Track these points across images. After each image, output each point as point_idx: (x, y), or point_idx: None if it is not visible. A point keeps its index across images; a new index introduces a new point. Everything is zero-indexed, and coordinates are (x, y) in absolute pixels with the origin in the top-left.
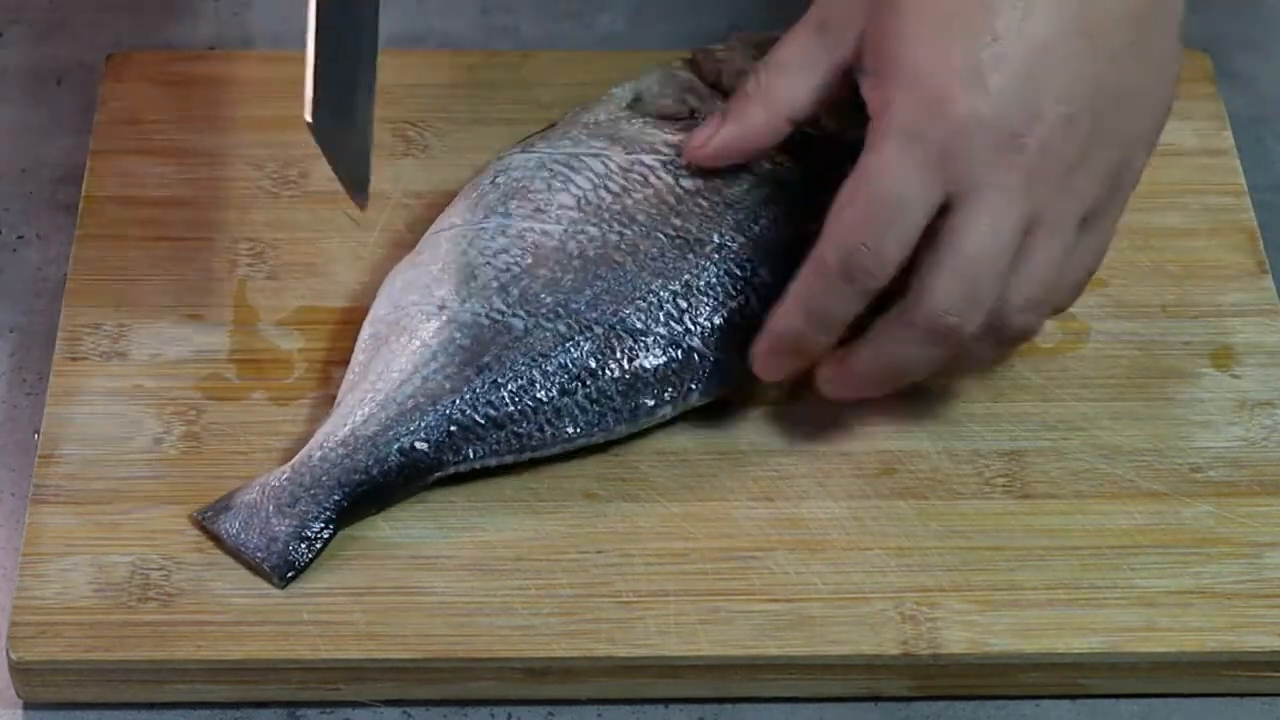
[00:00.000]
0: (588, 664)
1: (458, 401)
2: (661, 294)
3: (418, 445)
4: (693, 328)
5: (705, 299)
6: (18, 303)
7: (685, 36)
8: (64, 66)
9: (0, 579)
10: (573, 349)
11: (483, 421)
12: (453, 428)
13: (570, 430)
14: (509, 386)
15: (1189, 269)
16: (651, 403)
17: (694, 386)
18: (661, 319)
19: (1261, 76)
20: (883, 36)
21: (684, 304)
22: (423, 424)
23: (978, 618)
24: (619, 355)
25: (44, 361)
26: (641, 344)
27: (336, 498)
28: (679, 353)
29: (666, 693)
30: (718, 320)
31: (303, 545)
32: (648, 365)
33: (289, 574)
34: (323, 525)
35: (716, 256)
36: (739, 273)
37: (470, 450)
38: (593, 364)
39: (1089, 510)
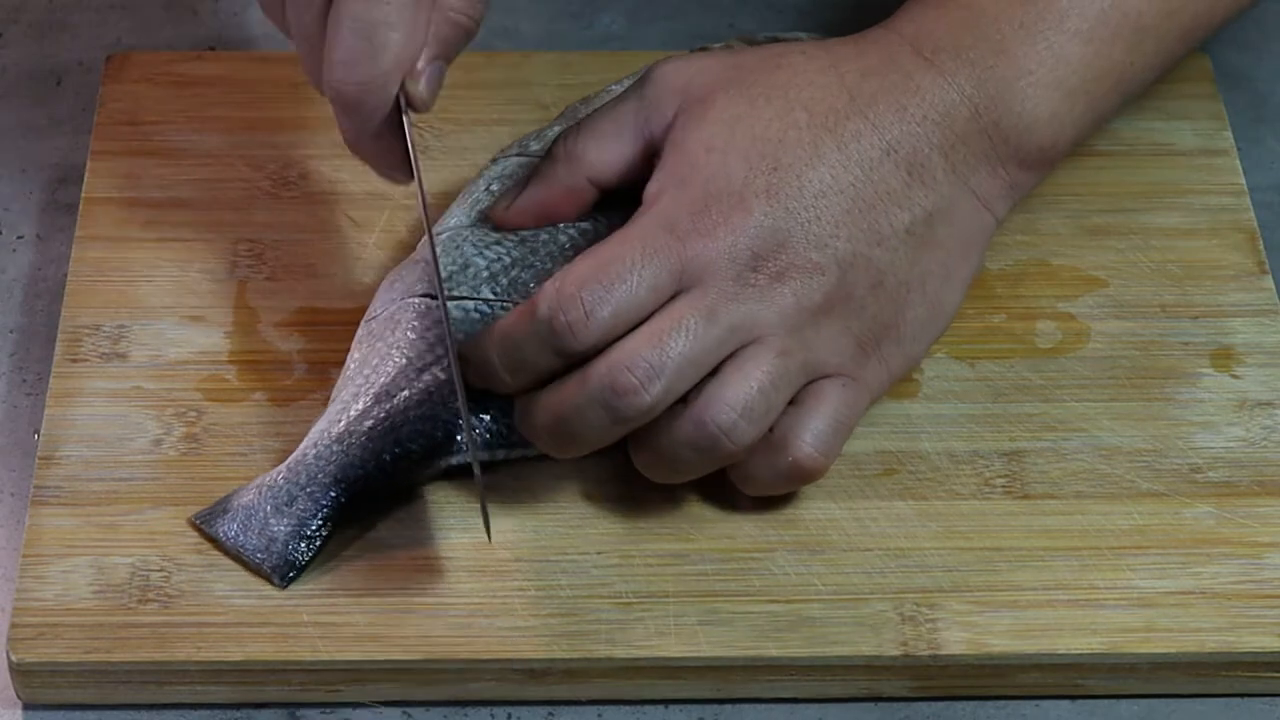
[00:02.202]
0: (587, 665)
1: (451, 394)
2: None
3: (412, 439)
4: None
5: None
6: (18, 303)
7: (685, 36)
8: (64, 66)
9: (0, 580)
10: None
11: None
12: (446, 421)
13: None
14: None
15: (1189, 269)
16: None
17: None
18: None
19: (1261, 76)
20: (685, 132)
21: None
22: (417, 416)
23: (977, 618)
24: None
25: (44, 361)
26: None
27: (333, 494)
28: None
29: (666, 693)
30: None
31: (302, 544)
32: None
33: (290, 574)
34: (321, 523)
35: None
36: None
37: (464, 443)
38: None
39: (1089, 510)
